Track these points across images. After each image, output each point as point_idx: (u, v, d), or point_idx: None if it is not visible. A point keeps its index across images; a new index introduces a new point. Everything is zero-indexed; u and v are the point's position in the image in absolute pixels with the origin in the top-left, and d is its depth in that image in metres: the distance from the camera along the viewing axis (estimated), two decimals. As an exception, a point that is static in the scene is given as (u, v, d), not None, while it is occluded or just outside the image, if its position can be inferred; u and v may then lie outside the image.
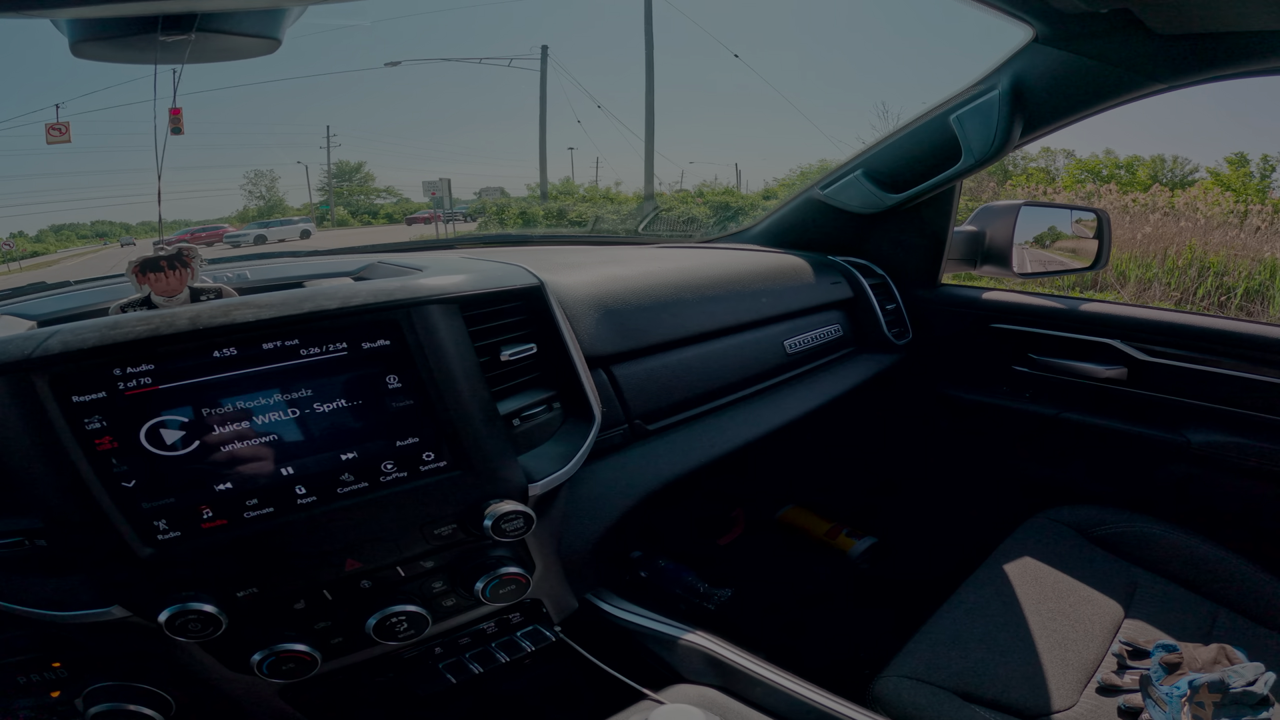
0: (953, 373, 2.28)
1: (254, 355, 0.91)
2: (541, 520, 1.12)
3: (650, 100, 20.98)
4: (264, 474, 0.90)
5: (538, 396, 1.18)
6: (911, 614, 1.49)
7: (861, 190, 2.10)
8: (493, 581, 1.03)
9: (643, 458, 1.39)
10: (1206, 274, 11.68)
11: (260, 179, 33.78)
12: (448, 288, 1.07)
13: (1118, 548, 1.67)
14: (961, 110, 1.87)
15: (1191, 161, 25.15)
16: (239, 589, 0.88)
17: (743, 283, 1.73)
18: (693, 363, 1.52)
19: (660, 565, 2.06)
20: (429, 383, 1.00)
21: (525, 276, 1.21)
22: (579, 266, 1.51)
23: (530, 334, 1.20)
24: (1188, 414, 1.90)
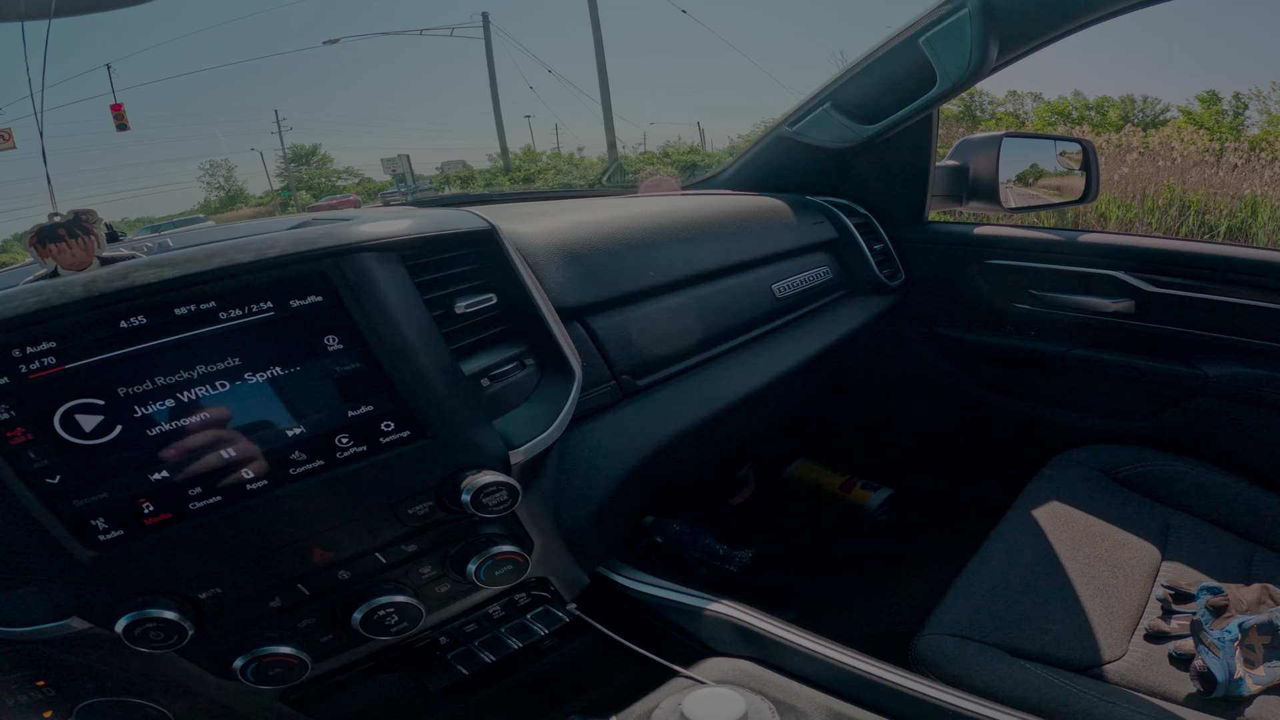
0: (951, 313, 2.22)
1: (167, 323, 0.80)
2: (530, 491, 1.03)
3: (601, 61, 20.93)
4: (203, 458, 0.80)
5: (507, 353, 1.08)
6: (940, 567, 1.46)
7: (833, 123, 2.01)
8: (486, 563, 0.94)
9: (637, 416, 1.30)
10: (1188, 213, 11.78)
11: (217, 170, 33.75)
12: (380, 233, 0.95)
13: (1145, 488, 1.63)
14: (931, 32, 1.77)
15: (1162, 101, 25.31)
16: (201, 590, 0.79)
17: (721, 224, 1.65)
18: (677, 311, 1.44)
19: (675, 529, 2.02)
20: (373, 341, 0.89)
21: (473, 220, 1.10)
22: (542, 214, 1.41)
23: (487, 284, 1.09)
24: (1202, 347, 1.85)
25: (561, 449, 1.13)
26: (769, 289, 1.67)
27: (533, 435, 1.00)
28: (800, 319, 1.77)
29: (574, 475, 1.17)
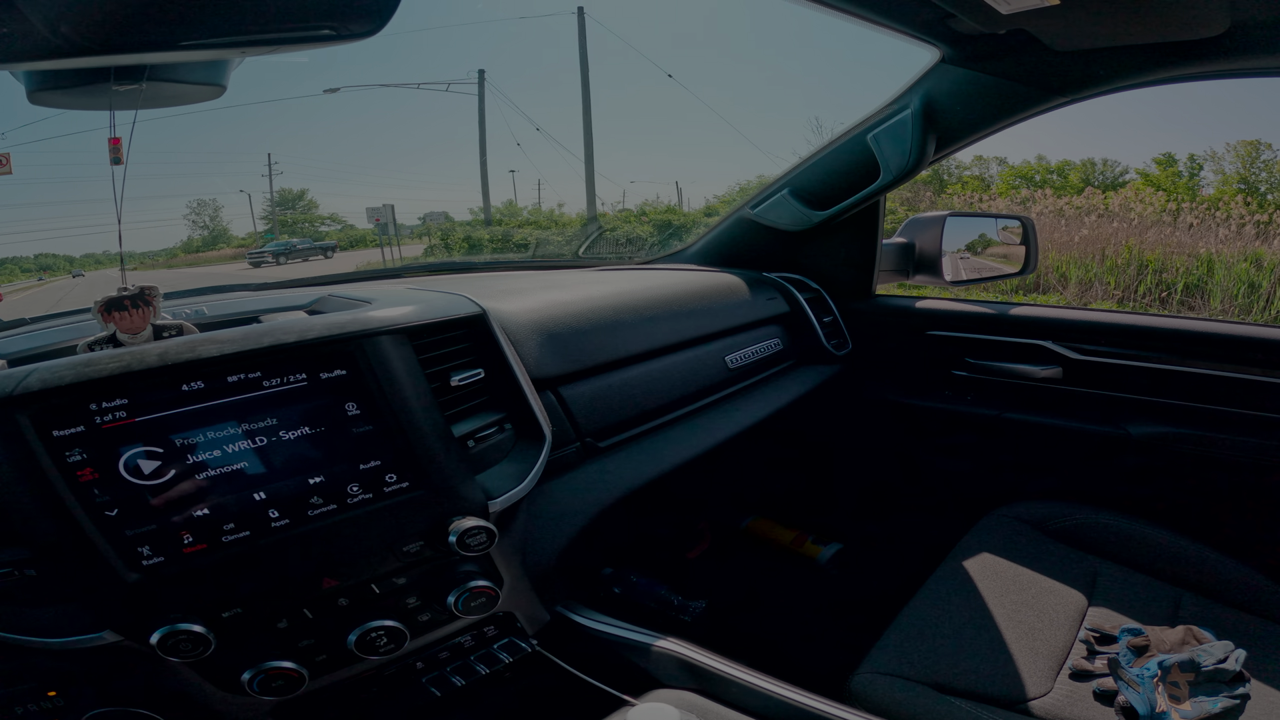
0: (895, 380, 2.35)
1: (220, 388, 0.96)
2: (504, 535, 1.17)
3: (588, 120, 21.04)
4: (237, 499, 0.94)
5: (489, 419, 1.24)
6: (880, 613, 1.53)
7: (789, 208, 2.18)
8: (463, 594, 1.09)
9: (596, 473, 1.44)
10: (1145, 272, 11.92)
11: (204, 209, 33.26)
12: (397, 319, 1.13)
13: (1075, 539, 1.72)
14: (878, 129, 1.95)
15: (1121, 164, 25.62)
16: (224, 609, 0.92)
17: (680, 302, 1.79)
18: (638, 381, 1.58)
19: (632, 580, 2.09)
20: (385, 408, 1.06)
21: (468, 305, 1.27)
22: (521, 293, 1.57)
23: (477, 359, 1.26)
24: (1126, 408, 1.99)
25: (531, 501, 1.27)
26: (722, 360, 1.81)
27: (509, 488, 1.17)
28: (751, 387, 1.91)
29: (540, 524, 1.31)
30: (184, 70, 1.07)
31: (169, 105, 1.12)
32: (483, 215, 25.95)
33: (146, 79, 1.02)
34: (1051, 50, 1.68)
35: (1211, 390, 1.88)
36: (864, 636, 1.45)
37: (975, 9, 1.46)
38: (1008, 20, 1.52)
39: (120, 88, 1.01)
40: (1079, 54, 1.69)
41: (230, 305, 1.33)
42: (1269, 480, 1.86)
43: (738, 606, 2.19)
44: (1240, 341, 1.86)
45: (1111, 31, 1.57)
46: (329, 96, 50.65)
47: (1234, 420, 1.87)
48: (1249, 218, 13.02)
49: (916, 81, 1.91)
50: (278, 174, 26.91)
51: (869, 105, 1.99)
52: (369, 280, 1.93)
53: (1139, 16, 1.48)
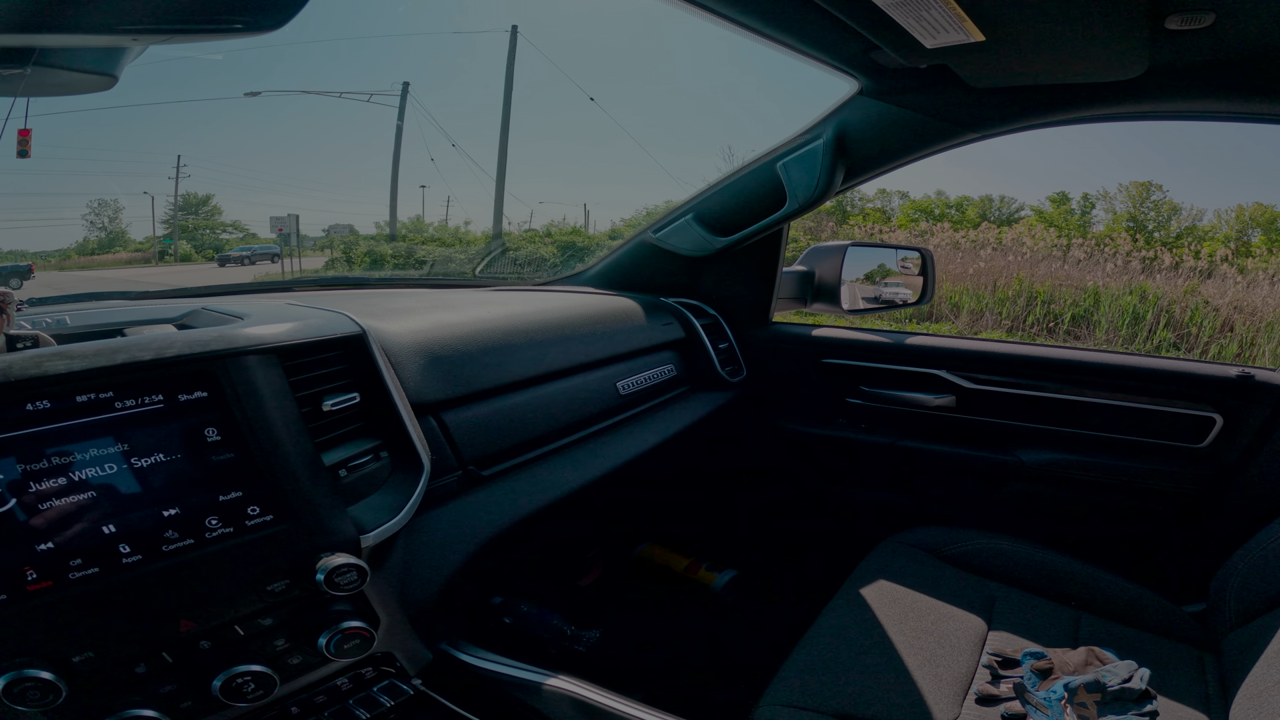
0: (790, 407, 2.35)
1: (68, 408, 0.87)
2: (379, 571, 1.11)
3: (504, 139, 20.96)
4: (85, 532, 0.85)
5: (364, 446, 1.16)
6: (780, 642, 1.51)
7: (692, 234, 2.16)
8: (335, 636, 1.00)
9: (479, 504, 1.37)
10: (1035, 303, 12.34)
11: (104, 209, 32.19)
12: (265, 338, 1.04)
13: (970, 564, 1.74)
14: (788, 158, 1.95)
15: (1017, 201, 26.71)
16: (74, 654, 0.83)
17: (573, 326, 1.75)
18: (525, 407, 1.53)
19: (523, 610, 2.05)
20: (249, 435, 0.98)
21: (347, 325, 1.20)
22: (409, 312, 1.50)
23: (353, 383, 1.18)
24: (1018, 435, 2.04)
25: (409, 534, 1.20)
26: (614, 386, 1.78)
27: (382, 522, 1.09)
28: (643, 414, 1.87)
29: (419, 558, 1.23)
30: (75, 57, 1.00)
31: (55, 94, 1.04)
32: (388, 229, 25.65)
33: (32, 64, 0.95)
34: (969, 87, 1.71)
35: (1099, 417, 1.94)
36: (764, 667, 1.43)
37: (900, 43, 1.46)
38: (929, 55, 1.53)
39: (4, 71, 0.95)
40: (993, 91, 1.72)
41: (96, 316, 1.23)
42: (1155, 503, 1.93)
43: (633, 636, 2.15)
44: (1125, 371, 1.93)
45: (1031, 71, 1.59)
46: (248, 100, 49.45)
47: (1121, 446, 1.94)
48: (1135, 253, 13.58)
49: (832, 112, 1.92)
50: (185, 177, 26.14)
51: (783, 136, 1.99)
52: (256, 293, 1.84)
53: (1060, 58, 1.50)
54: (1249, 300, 12.22)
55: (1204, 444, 1.90)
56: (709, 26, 1.55)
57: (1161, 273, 13.23)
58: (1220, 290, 12.55)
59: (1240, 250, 17.64)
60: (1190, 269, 13.31)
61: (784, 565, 2.44)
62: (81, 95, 1.07)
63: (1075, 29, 1.34)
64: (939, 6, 1.25)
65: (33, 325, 1.06)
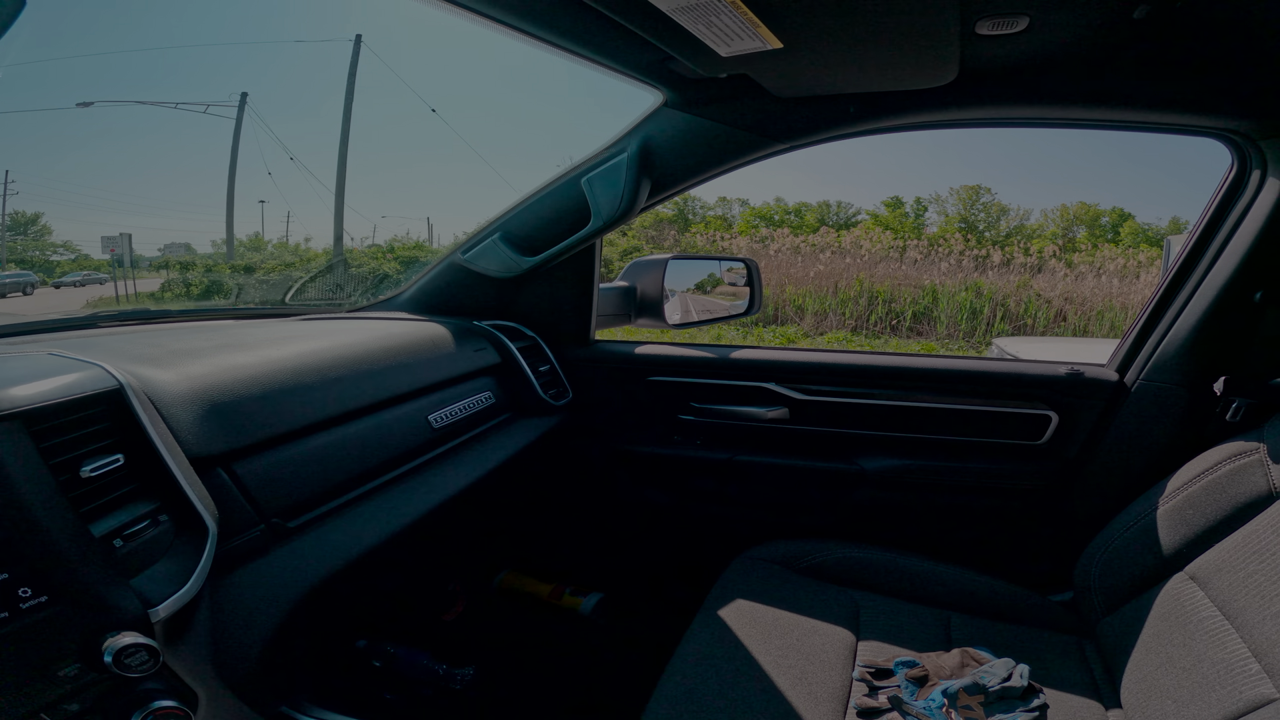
0: (622, 427, 2.32)
1: None
2: (181, 644, 1.02)
3: (343, 151, 20.61)
4: None
5: (139, 511, 1.06)
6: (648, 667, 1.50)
7: (499, 254, 2.11)
8: (148, 717, 0.92)
9: (288, 558, 1.27)
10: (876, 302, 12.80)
11: (-79, 228, 30.25)
12: (4, 403, 0.93)
13: (829, 575, 1.74)
14: (592, 173, 1.92)
15: (854, 205, 27.74)
16: None
17: (375, 358, 1.66)
18: (328, 449, 1.43)
19: (390, 652, 1.99)
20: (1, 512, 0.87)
21: (102, 379, 1.09)
22: (193, 354, 1.38)
23: (117, 443, 1.08)
24: (856, 443, 2.07)
25: (213, 598, 1.11)
26: (425, 420, 1.69)
27: (170, 592, 1.00)
28: (462, 445, 1.79)
29: (229, 623, 1.14)
30: None
31: None
32: (225, 247, 24.85)
33: None
34: (773, 97, 1.71)
35: (937, 421, 1.98)
36: (640, 690, 1.40)
37: (695, 52, 1.44)
38: (728, 64, 1.51)
39: None
40: (801, 101, 1.72)
41: None
42: (1003, 501, 1.98)
43: (508, 669, 2.11)
44: (958, 375, 1.97)
45: (835, 81, 1.59)
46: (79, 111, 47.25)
47: (962, 448, 1.99)
48: (968, 252, 14.22)
49: (636, 125, 1.91)
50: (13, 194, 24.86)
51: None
52: (54, 331, 1.69)
53: (866, 66, 1.49)
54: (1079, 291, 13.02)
55: (1042, 440, 1.96)
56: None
57: (994, 269, 13.94)
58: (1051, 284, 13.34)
59: (1067, 246, 18.73)
60: (1021, 265, 14.04)
61: (647, 586, 2.43)
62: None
63: (879, 35, 1.33)
64: (729, 12, 1.22)
65: None
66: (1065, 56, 1.52)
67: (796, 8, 1.23)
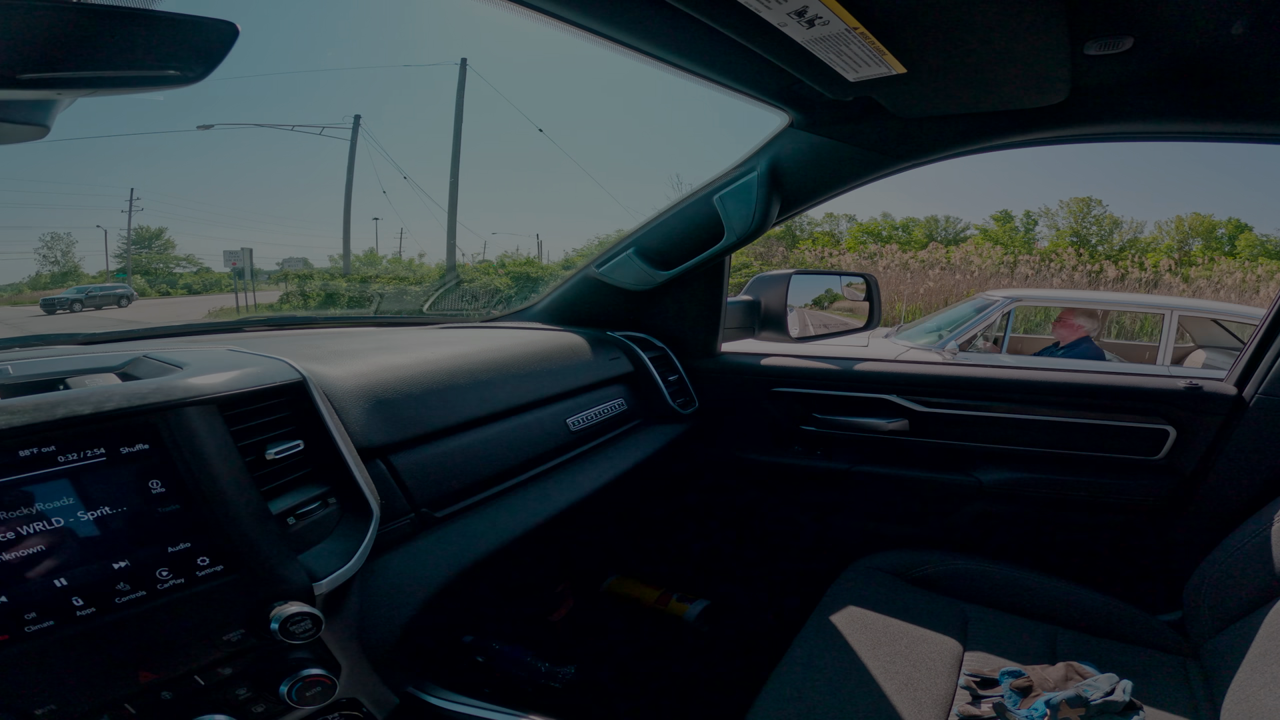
0: (745, 437, 2.36)
1: (10, 464, 0.87)
2: (335, 618, 1.10)
3: (455, 171, 21.07)
4: (37, 586, 0.85)
5: (311, 493, 1.16)
6: (756, 673, 1.50)
7: (634, 268, 2.18)
8: (296, 684, 1.00)
9: (434, 546, 1.36)
10: None
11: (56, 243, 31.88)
12: (204, 389, 1.04)
13: (939, 585, 1.75)
14: (724, 191, 1.98)
15: (963, 220, 27.14)
16: (36, 706, 0.83)
17: (520, 364, 1.75)
18: (475, 447, 1.52)
19: (495, 648, 2.03)
20: (193, 486, 0.97)
21: (287, 372, 1.19)
22: (354, 355, 1.49)
23: (297, 430, 1.18)
24: (974, 456, 2.07)
25: (364, 579, 1.19)
26: (564, 423, 1.77)
27: (335, 568, 1.08)
28: (595, 449, 1.86)
29: (377, 603, 1.22)
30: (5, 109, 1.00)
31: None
32: (342, 263, 25.62)
33: None
34: (895, 117, 1.74)
35: (1054, 435, 1.97)
36: (740, 698, 1.42)
37: (824, 77, 1.49)
38: (855, 88, 1.55)
39: None
40: (922, 121, 1.75)
41: (38, 365, 1.21)
42: (1118, 516, 1.96)
43: (609, 671, 2.15)
44: (1075, 388, 1.95)
45: (955, 102, 1.62)
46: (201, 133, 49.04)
47: (1078, 462, 1.97)
48: (1081, 267, 13.80)
49: (765, 145, 1.95)
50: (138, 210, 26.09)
51: (731, 162, 2.01)
52: (205, 334, 1.82)
53: (982, 87, 1.53)
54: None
55: (1159, 456, 1.93)
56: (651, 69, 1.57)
57: (1107, 284, 13.47)
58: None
59: (1183, 259, 18.00)
60: (1136, 280, 13.56)
61: (754, 594, 2.45)
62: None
63: (994, 59, 1.37)
64: (859, 41, 1.28)
65: None
66: (1172, 73, 1.52)
67: (919, 35, 1.28)
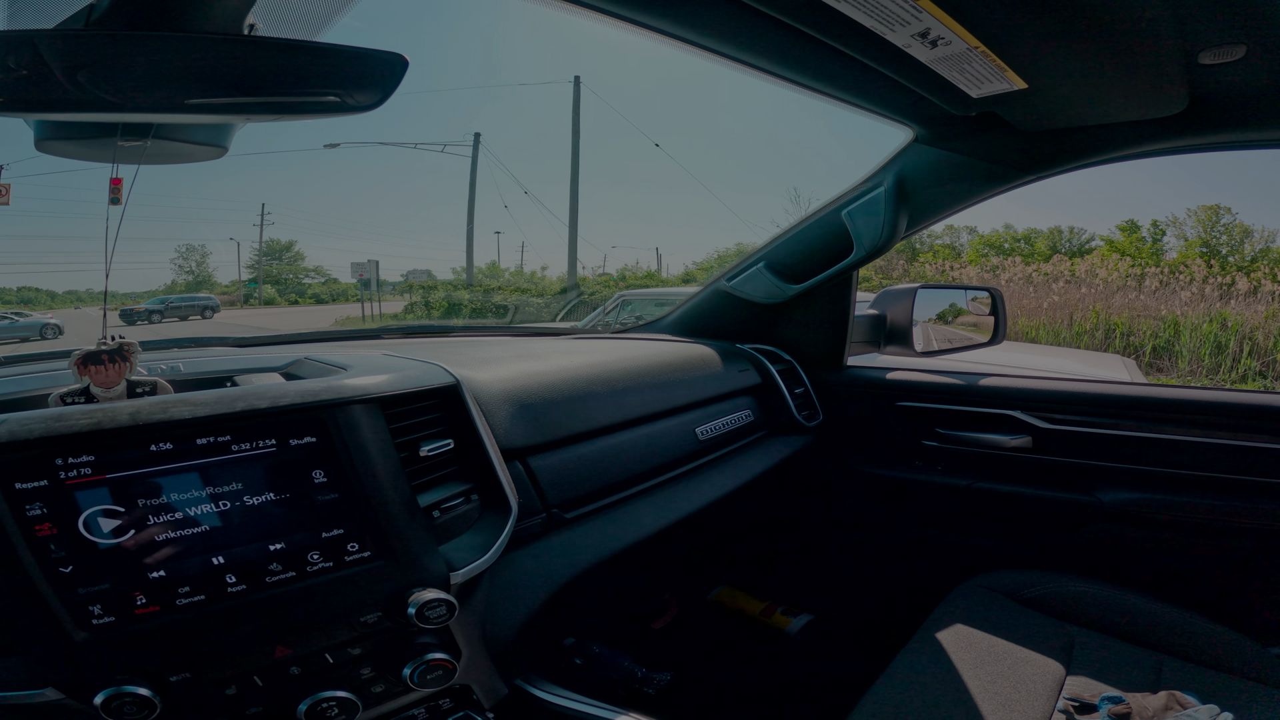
0: (866, 450, 2.36)
1: (188, 450, 0.95)
2: (464, 607, 1.15)
3: (575, 186, 21.37)
4: (195, 563, 0.92)
5: (456, 489, 1.23)
6: (852, 687, 1.50)
7: (764, 282, 2.21)
8: (420, 667, 1.05)
9: (561, 545, 1.42)
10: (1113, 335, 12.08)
11: (191, 254, 33.33)
12: (369, 388, 1.12)
13: (1050, 607, 1.71)
14: (852, 206, 2.00)
15: (1087, 231, 26.24)
16: (172, 673, 0.89)
17: (653, 374, 1.80)
18: (607, 452, 1.58)
19: (594, 651, 2.06)
20: (352, 478, 1.05)
21: (442, 375, 1.27)
22: (496, 361, 1.57)
23: (448, 430, 1.25)
24: (1096, 475, 2.01)
25: (494, 572, 1.24)
26: (692, 432, 1.82)
27: (472, 560, 1.14)
28: (721, 458, 1.90)
29: (502, 596, 1.28)
30: (189, 130, 1.10)
31: (170, 162, 1.14)
32: (465, 275, 26.24)
33: (152, 136, 1.05)
34: (1019, 131, 1.74)
35: (1181, 455, 1.90)
36: (835, 712, 1.43)
37: (947, 94, 1.51)
38: (977, 104, 1.56)
39: (126, 143, 1.04)
40: (1045, 134, 1.74)
41: (206, 364, 1.31)
42: (1241, 541, 1.88)
43: (704, 680, 2.17)
44: (1206, 406, 1.89)
45: (1076, 114, 1.62)
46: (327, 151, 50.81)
47: (1203, 484, 1.89)
48: (1211, 280, 13.24)
49: (891, 160, 1.96)
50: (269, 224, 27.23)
51: (848, 175, 2.03)
52: (347, 340, 1.94)
53: (1101, 100, 1.52)
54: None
55: None
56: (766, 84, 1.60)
57: (1239, 298, 12.89)
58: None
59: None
60: (1269, 293, 12.93)
61: (861, 609, 2.44)
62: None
63: (1111, 72, 1.37)
64: (980, 59, 1.30)
65: (150, 372, 1.15)
66: None
67: (1036, 51, 1.29)
